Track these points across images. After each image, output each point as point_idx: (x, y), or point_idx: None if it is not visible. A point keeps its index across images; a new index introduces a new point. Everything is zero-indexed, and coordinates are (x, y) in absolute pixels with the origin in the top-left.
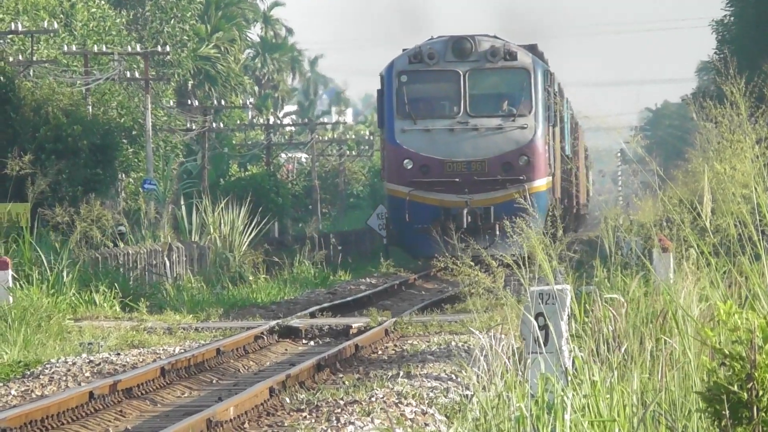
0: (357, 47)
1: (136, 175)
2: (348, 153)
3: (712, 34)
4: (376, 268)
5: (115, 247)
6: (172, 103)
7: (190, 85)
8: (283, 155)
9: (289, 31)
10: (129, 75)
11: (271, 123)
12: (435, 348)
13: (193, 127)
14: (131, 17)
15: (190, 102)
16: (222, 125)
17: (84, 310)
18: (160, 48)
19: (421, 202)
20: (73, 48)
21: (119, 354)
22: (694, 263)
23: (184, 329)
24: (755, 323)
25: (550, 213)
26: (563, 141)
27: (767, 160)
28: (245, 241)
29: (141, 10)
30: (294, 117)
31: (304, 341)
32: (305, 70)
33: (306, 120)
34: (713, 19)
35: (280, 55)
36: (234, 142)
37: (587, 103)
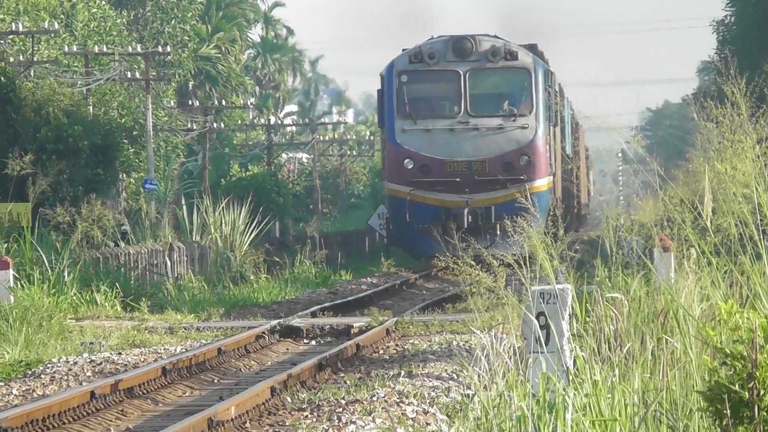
0: (357, 47)
1: (137, 175)
2: (349, 153)
3: (713, 34)
4: (377, 267)
5: (116, 247)
6: (172, 104)
7: (190, 85)
8: (284, 155)
9: (290, 31)
10: (130, 75)
11: (272, 123)
12: (436, 347)
13: (194, 127)
14: (132, 17)
15: (190, 102)
16: (223, 125)
17: (85, 310)
18: (160, 48)
19: (421, 202)
20: (74, 48)
21: (120, 353)
22: (695, 263)
23: (185, 329)
24: (756, 322)
25: (551, 213)
26: (564, 141)
27: None
28: (246, 241)
29: (142, 11)
30: (295, 117)
31: (306, 341)
32: (306, 70)
33: (307, 120)
34: (714, 19)
35: (280, 55)
36: (235, 143)
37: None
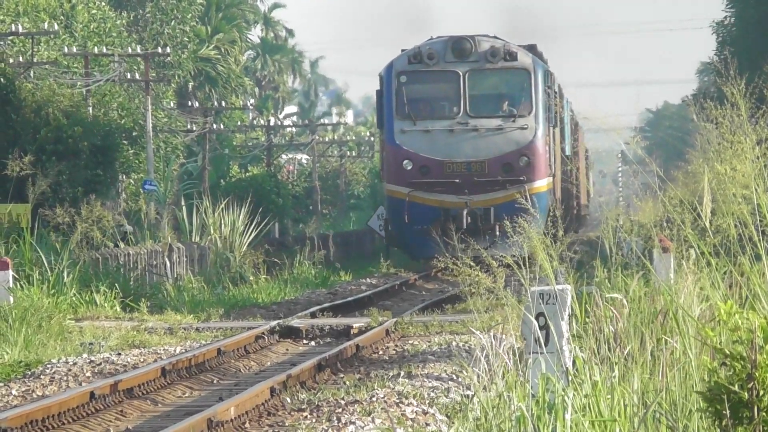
0: (357, 48)
1: (136, 176)
2: (348, 154)
3: (713, 35)
4: (377, 268)
5: (116, 248)
6: (172, 105)
7: (190, 86)
8: (283, 156)
9: (290, 32)
10: (129, 76)
11: (271, 124)
12: (436, 348)
13: (194, 128)
14: (132, 19)
15: (190, 103)
16: (222, 126)
17: (85, 311)
18: (160, 49)
19: (420, 203)
20: (74, 49)
21: (120, 354)
22: (695, 263)
23: (185, 329)
24: (756, 323)
25: (551, 213)
26: (563, 141)
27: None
28: (246, 242)
29: (141, 12)
30: (294, 118)
31: (305, 341)
32: (305, 71)
33: (306, 121)
34: (714, 20)
35: (280, 56)
36: (234, 143)
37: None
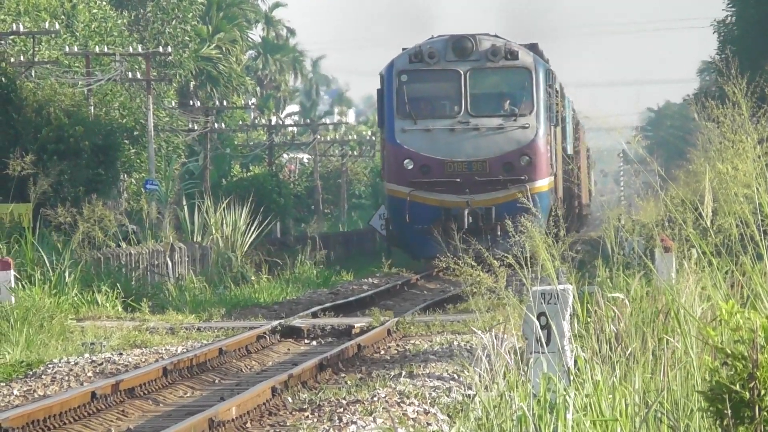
0: (358, 47)
1: (138, 176)
2: (350, 153)
3: (714, 34)
4: (379, 268)
5: (118, 248)
6: (173, 104)
7: (191, 85)
8: (285, 156)
9: (291, 31)
10: (131, 76)
11: (273, 123)
12: (437, 348)
13: (195, 127)
14: (133, 18)
15: (191, 103)
16: (224, 126)
17: (86, 310)
18: (161, 49)
19: (421, 203)
20: (75, 49)
21: (121, 354)
22: (696, 263)
23: (187, 329)
24: (757, 323)
25: (552, 213)
26: (565, 141)
27: None
28: (247, 242)
29: (142, 11)
30: (296, 117)
31: (307, 341)
32: (307, 70)
33: (308, 120)
34: (715, 19)
35: (281, 55)
36: (236, 143)
37: (589, 103)
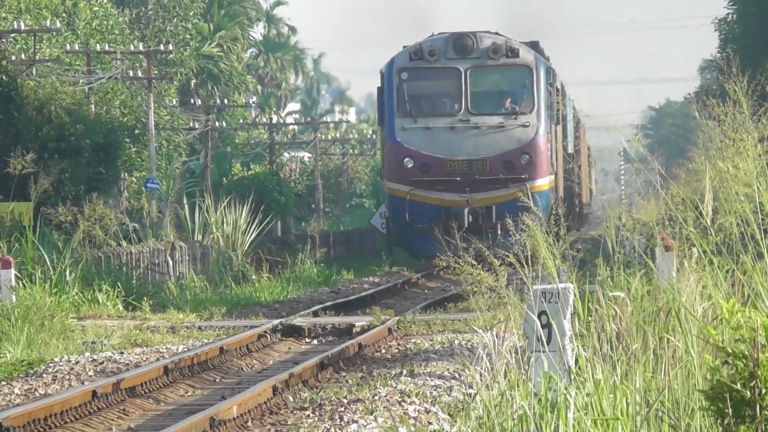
0: (358, 47)
1: (138, 174)
2: (351, 152)
3: (715, 32)
4: (379, 267)
5: (118, 246)
6: (174, 102)
7: (192, 84)
8: (286, 154)
9: (292, 29)
10: (132, 74)
11: (274, 122)
12: (438, 347)
13: (196, 126)
14: (134, 16)
15: (192, 101)
16: (225, 124)
17: (87, 309)
18: (162, 47)
19: (421, 201)
20: (76, 47)
21: (122, 353)
22: (697, 262)
23: (187, 328)
24: (758, 321)
25: (553, 212)
26: (565, 139)
27: None
28: (248, 240)
29: (144, 9)
30: (297, 116)
31: (307, 340)
32: (308, 68)
33: (309, 119)
34: (716, 18)
35: (282, 53)
36: (237, 141)
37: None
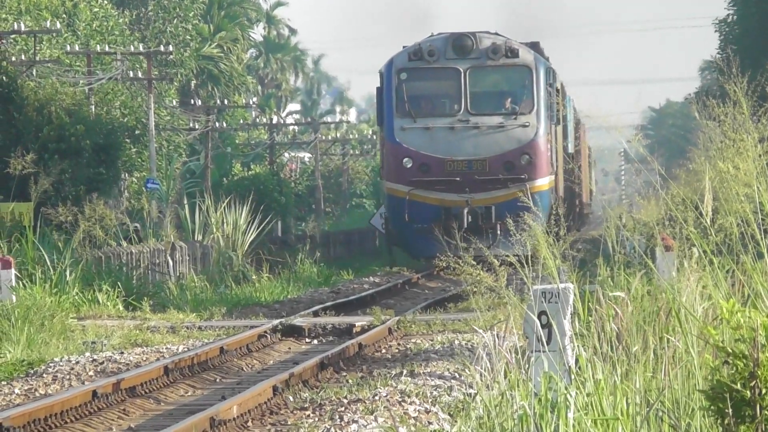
0: (359, 46)
1: (139, 175)
2: (351, 152)
3: (716, 33)
4: (380, 267)
5: (118, 246)
6: (175, 103)
7: (193, 84)
8: (286, 154)
9: (292, 30)
10: (132, 75)
11: (274, 122)
12: (438, 346)
13: (196, 126)
14: (134, 17)
15: (193, 101)
16: (225, 125)
17: (87, 309)
18: (162, 48)
19: (421, 202)
20: (76, 48)
21: (122, 353)
22: (697, 262)
23: (188, 328)
24: (758, 321)
25: (553, 212)
26: (566, 139)
27: None
28: (248, 241)
29: (144, 10)
30: (297, 116)
31: (308, 340)
32: (308, 69)
33: (309, 119)
34: (716, 18)
35: (283, 54)
36: (237, 142)
37: (589, 101)
